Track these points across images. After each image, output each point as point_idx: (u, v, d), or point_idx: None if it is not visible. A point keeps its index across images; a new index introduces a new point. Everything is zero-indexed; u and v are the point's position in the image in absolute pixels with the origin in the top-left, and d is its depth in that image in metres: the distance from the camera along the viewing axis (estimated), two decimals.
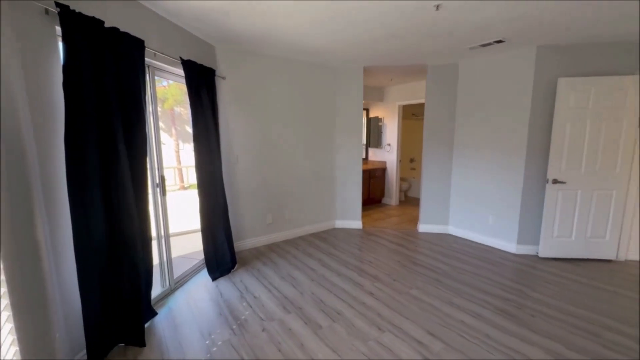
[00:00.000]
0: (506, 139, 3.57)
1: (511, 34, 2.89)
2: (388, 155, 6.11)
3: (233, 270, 3.16)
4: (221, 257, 3.08)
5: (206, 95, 2.88)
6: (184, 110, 7.42)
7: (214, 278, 2.96)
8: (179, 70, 2.65)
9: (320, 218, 4.47)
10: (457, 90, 4.02)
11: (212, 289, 2.78)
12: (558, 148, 3.21)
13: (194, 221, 3.15)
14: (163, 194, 2.58)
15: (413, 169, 7.25)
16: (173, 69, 2.66)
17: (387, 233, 4.39)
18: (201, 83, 2.82)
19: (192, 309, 2.46)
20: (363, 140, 4.88)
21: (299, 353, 1.96)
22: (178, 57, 2.58)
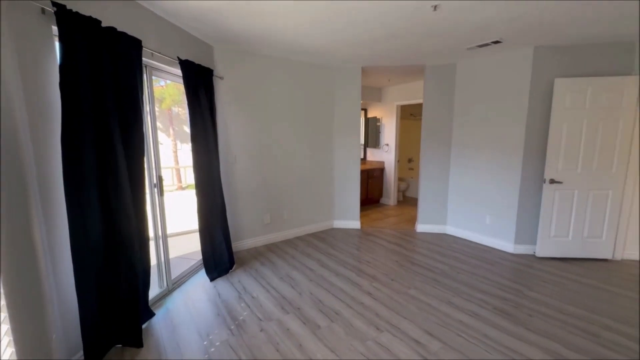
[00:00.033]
0: (504, 139, 3.58)
1: (510, 34, 2.90)
2: (386, 155, 6.12)
3: (231, 270, 3.15)
4: (219, 258, 3.08)
5: (204, 95, 2.88)
6: (182, 110, 7.41)
7: (212, 278, 2.95)
8: (177, 70, 2.65)
9: (318, 218, 4.47)
10: (455, 90, 4.04)
11: (210, 290, 2.77)
12: (555, 148, 3.23)
13: (192, 221, 3.15)
14: (161, 194, 2.58)
15: (411, 169, 7.26)
16: (171, 69, 2.66)
17: (385, 233, 4.40)
18: (199, 83, 2.81)
19: (190, 310, 2.45)
20: (361, 140, 4.89)
21: (297, 353, 1.95)
22: (176, 57, 2.58)
